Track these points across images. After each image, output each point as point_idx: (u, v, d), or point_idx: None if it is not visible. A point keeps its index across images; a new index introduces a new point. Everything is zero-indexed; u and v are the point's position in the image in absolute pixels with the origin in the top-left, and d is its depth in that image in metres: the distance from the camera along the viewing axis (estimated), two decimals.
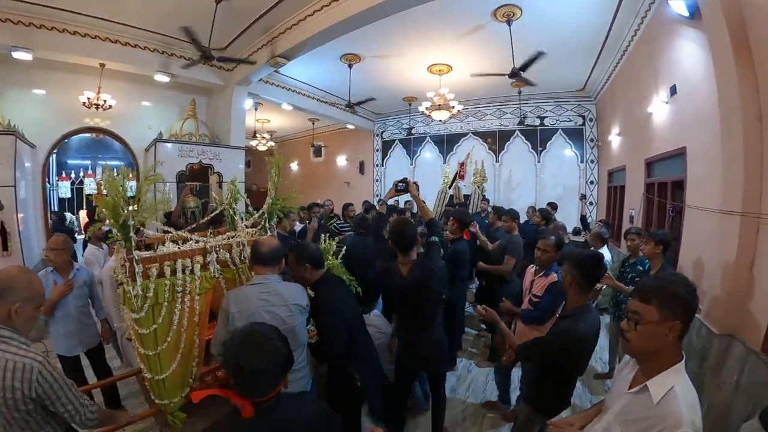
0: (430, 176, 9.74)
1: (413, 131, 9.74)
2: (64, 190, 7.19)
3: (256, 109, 8.99)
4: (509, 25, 4.56)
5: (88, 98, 5.18)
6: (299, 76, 7.21)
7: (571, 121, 7.99)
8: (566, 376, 1.90)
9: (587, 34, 4.97)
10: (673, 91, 3.77)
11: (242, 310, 1.71)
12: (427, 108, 6.52)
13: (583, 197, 6.41)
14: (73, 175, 7.30)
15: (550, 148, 8.27)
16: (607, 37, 4.97)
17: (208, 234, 2.24)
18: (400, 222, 2.42)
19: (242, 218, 2.56)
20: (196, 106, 6.54)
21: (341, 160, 12.02)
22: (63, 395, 1.35)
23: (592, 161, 7.84)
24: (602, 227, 4.09)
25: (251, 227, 2.47)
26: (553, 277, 2.50)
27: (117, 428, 1.82)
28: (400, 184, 2.73)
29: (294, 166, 13.78)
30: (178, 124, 6.21)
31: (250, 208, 2.56)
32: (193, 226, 2.69)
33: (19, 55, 4.51)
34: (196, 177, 6.38)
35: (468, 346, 4.10)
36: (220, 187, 6.26)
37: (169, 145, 5.78)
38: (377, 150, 11.07)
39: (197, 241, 2.10)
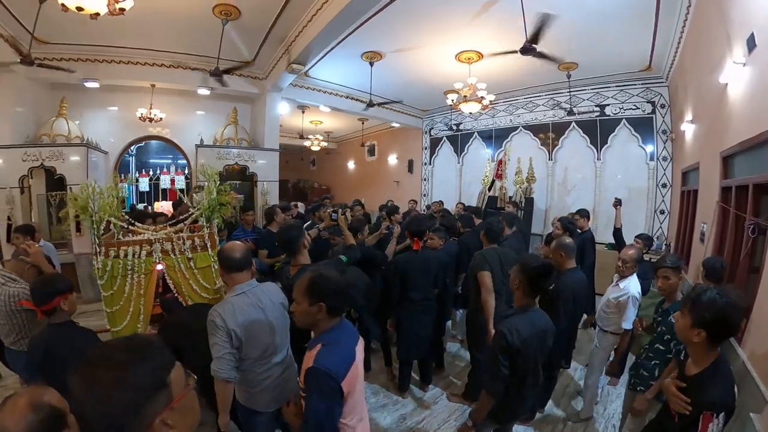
0: (479, 175, 9.11)
1: (460, 127, 9.18)
2: (144, 185, 8.76)
3: (303, 112, 9.48)
4: None
5: (142, 113, 6.33)
6: (332, 78, 7.37)
7: (638, 108, 6.53)
8: (515, 376, 1.81)
9: None
10: (750, 43, 2.57)
11: (241, 323, 1.69)
12: (452, 101, 6.11)
13: (618, 203, 4.54)
14: (151, 172, 8.75)
15: (612, 142, 6.89)
16: None
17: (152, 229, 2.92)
18: (285, 226, 2.52)
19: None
20: (242, 114, 7.23)
21: (392, 159, 12.01)
22: None
23: (664, 158, 6.27)
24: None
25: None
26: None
27: None
28: (333, 214, 3.44)
29: (351, 165, 14.21)
30: (221, 130, 6.91)
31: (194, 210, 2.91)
32: (173, 221, 3.18)
33: (89, 84, 5.88)
34: (235, 177, 7.11)
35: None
36: (255, 185, 6.94)
37: (207, 149, 6.57)
38: (425, 148, 10.74)
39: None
